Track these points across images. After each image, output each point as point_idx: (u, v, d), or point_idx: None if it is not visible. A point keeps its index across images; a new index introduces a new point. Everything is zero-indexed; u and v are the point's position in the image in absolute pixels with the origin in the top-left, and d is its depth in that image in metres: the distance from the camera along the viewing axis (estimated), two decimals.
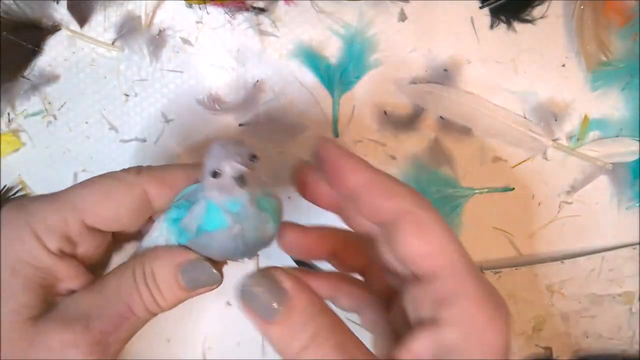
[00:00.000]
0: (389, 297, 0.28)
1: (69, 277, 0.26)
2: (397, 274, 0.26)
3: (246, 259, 0.29)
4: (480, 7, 0.41)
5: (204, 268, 0.27)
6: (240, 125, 0.41)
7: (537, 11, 0.41)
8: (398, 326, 0.26)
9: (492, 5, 0.41)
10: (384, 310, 0.28)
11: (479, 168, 0.43)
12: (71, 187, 0.27)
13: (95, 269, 0.28)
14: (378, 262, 0.27)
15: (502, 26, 0.41)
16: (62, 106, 0.40)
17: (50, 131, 0.40)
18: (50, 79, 0.40)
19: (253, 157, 0.27)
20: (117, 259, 0.31)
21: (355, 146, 0.42)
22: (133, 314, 0.26)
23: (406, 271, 0.25)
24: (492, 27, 0.42)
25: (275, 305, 0.23)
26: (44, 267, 0.25)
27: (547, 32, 0.42)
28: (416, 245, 0.24)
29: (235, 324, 0.43)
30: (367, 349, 0.24)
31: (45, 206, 0.25)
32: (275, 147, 0.41)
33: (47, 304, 0.25)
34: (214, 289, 0.29)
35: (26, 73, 0.39)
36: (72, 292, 0.26)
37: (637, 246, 0.44)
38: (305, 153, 0.41)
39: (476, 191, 0.43)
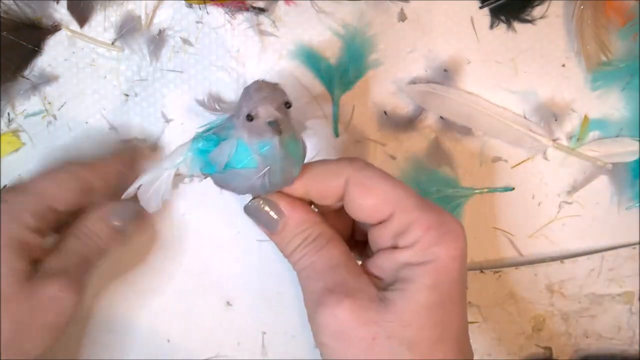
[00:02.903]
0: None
1: (43, 244, 0.34)
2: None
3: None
4: (480, 7, 0.41)
5: (127, 207, 0.36)
6: None
7: (537, 11, 0.41)
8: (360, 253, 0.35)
9: (492, 5, 0.41)
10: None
11: (479, 168, 0.43)
12: (39, 178, 0.36)
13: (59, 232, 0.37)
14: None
15: (502, 26, 0.42)
16: (62, 106, 0.40)
17: (50, 131, 0.40)
18: (50, 79, 0.40)
19: (287, 104, 0.29)
20: None
21: (355, 146, 0.42)
22: (91, 261, 0.36)
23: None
24: (492, 27, 0.42)
25: (275, 221, 0.31)
26: (28, 241, 0.33)
27: (547, 32, 0.42)
28: (364, 202, 0.30)
29: (235, 324, 0.43)
30: (352, 256, 0.31)
31: (21, 198, 0.34)
32: None
33: (34, 265, 0.33)
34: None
35: (26, 73, 0.39)
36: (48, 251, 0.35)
37: (637, 246, 0.44)
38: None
39: (476, 191, 0.43)
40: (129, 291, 0.42)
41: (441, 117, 0.42)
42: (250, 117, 0.28)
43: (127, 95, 0.41)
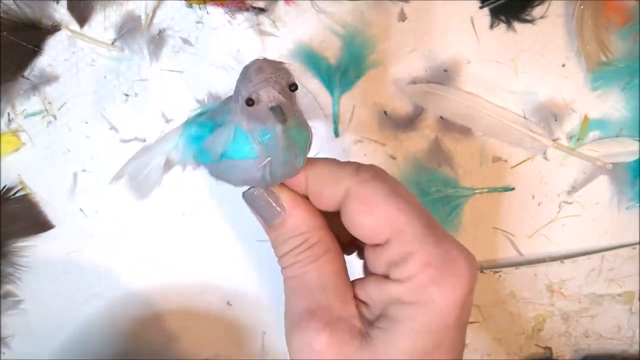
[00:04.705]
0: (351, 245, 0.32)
1: None
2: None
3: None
4: (480, 7, 0.41)
5: None
6: None
7: (537, 11, 0.41)
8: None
9: (492, 5, 0.41)
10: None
11: (479, 168, 0.43)
12: None
13: None
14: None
15: (502, 26, 0.41)
16: (62, 106, 0.40)
17: (50, 131, 0.40)
18: (50, 79, 0.40)
19: (292, 87, 0.25)
20: None
21: (355, 146, 0.42)
22: None
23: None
24: (492, 27, 0.42)
25: (273, 214, 0.28)
26: None
27: (547, 32, 0.42)
28: (362, 222, 0.27)
29: (235, 324, 0.43)
30: (345, 275, 0.28)
31: None
32: None
33: None
34: None
35: (26, 73, 0.39)
36: None
37: (637, 246, 0.44)
38: None
39: (476, 191, 0.43)
40: (129, 291, 0.42)
41: (441, 117, 0.42)
42: (250, 102, 0.24)
43: (127, 95, 0.41)
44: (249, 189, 0.28)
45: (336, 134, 0.42)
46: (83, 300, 0.42)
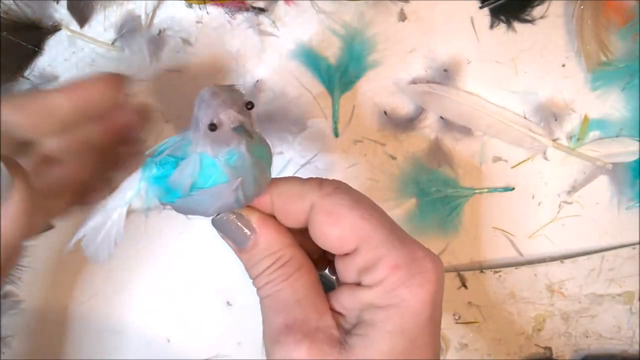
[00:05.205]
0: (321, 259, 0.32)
1: None
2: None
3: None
4: (480, 7, 0.41)
5: None
6: None
7: (537, 11, 0.41)
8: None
9: (492, 5, 0.41)
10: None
11: (479, 168, 0.43)
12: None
13: None
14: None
15: (502, 26, 0.41)
16: None
17: None
18: (50, 79, 0.40)
19: (248, 105, 0.26)
20: None
21: (355, 146, 0.42)
22: None
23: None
24: (492, 27, 0.42)
25: (244, 237, 0.28)
26: None
27: (547, 32, 0.42)
28: (329, 233, 0.27)
29: (235, 324, 0.43)
30: (319, 288, 0.29)
31: None
32: (275, 148, 0.41)
33: None
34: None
35: (26, 73, 0.39)
36: None
37: (637, 246, 0.44)
38: (305, 153, 0.41)
39: (476, 191, 0.43)
40: (129, 291, 0.42)
41: (441, 117, 0.42)
42: (212, 127, 0.25)
43: (127, 95, 0.40)
44: (216, 215, 0.28)
45: (336, 134, 0.42)
46: (83, 300, 0.42)
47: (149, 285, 0.42)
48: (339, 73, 0.41)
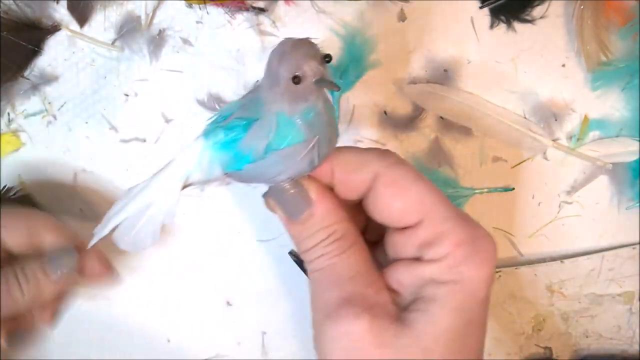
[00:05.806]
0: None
1: None
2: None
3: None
4: (480, 7, 0.41)
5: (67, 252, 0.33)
6: None
7: (537, 11, 0.41)
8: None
9: (492, 5, 0.41)
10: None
11: (479, 168, 0.43)
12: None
13: None
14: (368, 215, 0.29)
15: (502, 26, 0.41)
16: (62, 106, 0.40)
17: (50, 131, 0.40)
18: (50, 79, 0.40)
19: (327, 57, 0.24)
20: None
21: (355, 146, 0.42)
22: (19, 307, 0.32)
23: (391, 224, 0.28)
24: (492, 27, 0.42)
25: (300, 209, 0.27)
26: None
27: (547, 32, 0.42)
28: (392, 205, 0.27)
29: (235, 324, 0.43)
30: (373, 265, 0.28)
31: None
32: None
33: None
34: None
35: (26, 73, 0.39)
36: None
37: (637, 246, 0.44)
38: None
39: (476, 191, 0.42)
40: (129, 291, 0.42)
41: (441, 117, 0.42)
42: (296, 79, 0.23)
43: (127, 95, 0.41)
44: (276, 186, 0.27)
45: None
46: (83, 300, 0.42)
47: (149, 285, 0.42)
48: (339, 73, 0.41)
